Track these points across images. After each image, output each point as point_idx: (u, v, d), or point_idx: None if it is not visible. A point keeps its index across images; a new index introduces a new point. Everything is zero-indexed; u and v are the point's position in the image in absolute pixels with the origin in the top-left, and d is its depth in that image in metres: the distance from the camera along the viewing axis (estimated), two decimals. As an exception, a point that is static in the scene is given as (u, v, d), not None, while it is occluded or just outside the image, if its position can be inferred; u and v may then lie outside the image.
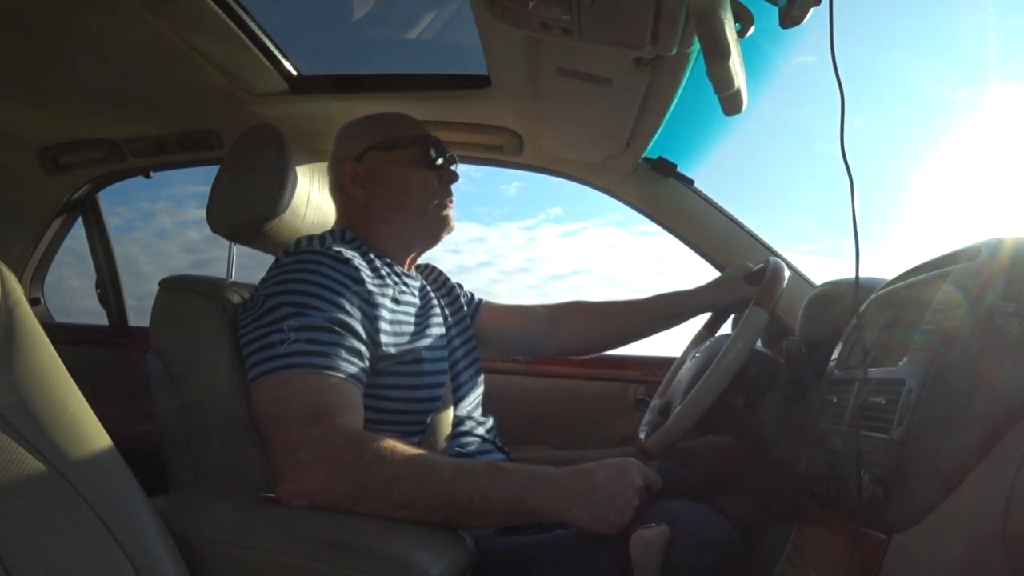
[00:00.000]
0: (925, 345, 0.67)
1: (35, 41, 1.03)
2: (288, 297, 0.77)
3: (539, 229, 6.61)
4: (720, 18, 0.63)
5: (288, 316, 0.75)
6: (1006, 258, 0.67)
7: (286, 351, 0.73)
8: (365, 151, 0.94)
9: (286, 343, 0.73)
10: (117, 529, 0.54)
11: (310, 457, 0.68)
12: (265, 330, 0.75)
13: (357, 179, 0.93)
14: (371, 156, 0.94)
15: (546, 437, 1.48)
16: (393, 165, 0.94)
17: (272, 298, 0.77)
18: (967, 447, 0.60)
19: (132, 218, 2.69)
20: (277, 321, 0.75)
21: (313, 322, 0.75)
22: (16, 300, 0.56)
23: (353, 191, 0.93)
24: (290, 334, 0.74)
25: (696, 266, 1.38)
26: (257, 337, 0.76)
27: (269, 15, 1.03)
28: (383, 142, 0.94)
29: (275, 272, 0.81)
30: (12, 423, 0.52)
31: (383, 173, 0.93)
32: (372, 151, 0.94)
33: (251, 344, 0.77)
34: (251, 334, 0.77)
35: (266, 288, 0.79)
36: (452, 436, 0.88)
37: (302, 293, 0.77)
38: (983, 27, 1.27)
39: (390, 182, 0.94)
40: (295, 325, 0.74)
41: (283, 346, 0.73)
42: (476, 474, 0.69)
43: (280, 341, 0.74)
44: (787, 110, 1.75)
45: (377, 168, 0.93)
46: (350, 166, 0.93)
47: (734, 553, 0.78)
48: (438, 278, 1.10)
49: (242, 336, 0.79)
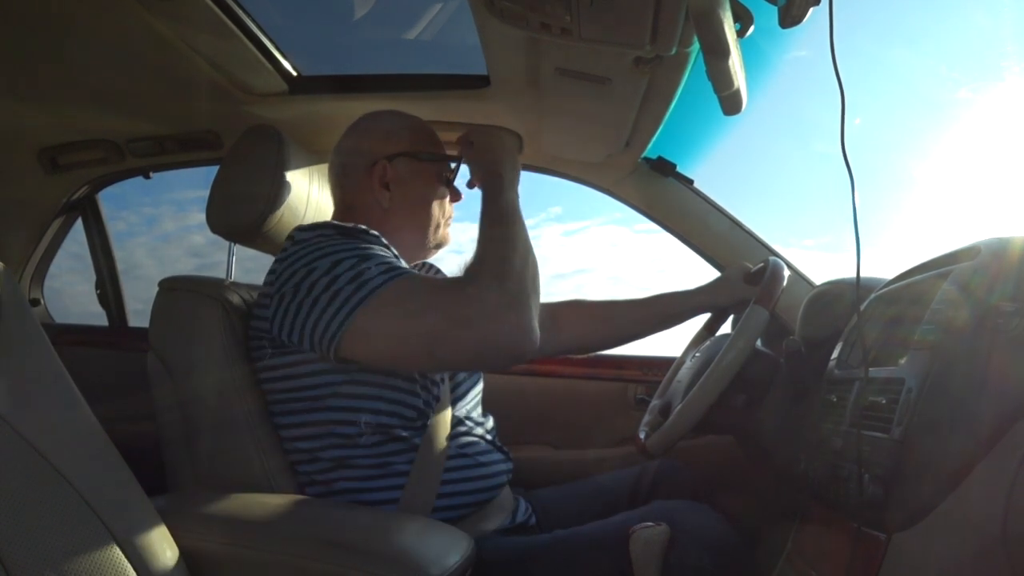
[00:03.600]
0: (925, 344, 0.67)
1: (35, 41, 1.03)
2: (340, 254, 0.78)
3: (540, 228, 6.61)
4: (719, 18, 0.63)
5: (349, 258, 0.77)
6: (1006, 258, 0.67)
7: (373, 273, 0.75)
8: (400, 154, 0.94)
9: (368, 268, 0.75)
10: (117, 529, 0.54)
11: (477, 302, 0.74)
12: (328, 280, 0.76)
13: (384, 179, 0.93)
14: (404, 161, 0.94)
15: (546, 437, 1.48)
16: (422, 176, 0.95)
17: (321, 260, 0.77)
18: (967, 447, 0.60)
19: (136, 223, 2.69)
20: (339, 269, 0.76)
21: (381, 258, 0.78)
22: (16, 300, 0.56)
23: (378, 191, 0.93)
24: (365, 264, 0.76)
25: (699, 264, 1.38)
26: (325, 288, 0.76)
27: (268, 15, 1.02)
28: (420, 151, 0.95)
29: (305, 241, 0.81)
30: (12, 423, 0.52)
31: (411, 181, 0.94)
32: (406, 156, 0.94)
33: (319, 300, 0.76)
34: (308, 296, 0.77)
35: (302, 256, 0.79)
36: (451, 436, 0.88)
37: (351, 250, 0.78)
38: (983, 27, 1.27)
39: (415, 191, 0.94)
40: (364, 261, 0.76)
41: (369, 271, 0.75)
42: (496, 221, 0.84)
43: (359, 271, 0.75)
44: (787, 109, 1.75)
45: (406, 174, 0.94)
46: (382, 166, 0.93)
47: (734, 553, 0.79)
48: (436, 276, 1.10)
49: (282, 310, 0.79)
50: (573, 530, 0.85)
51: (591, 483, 1.09)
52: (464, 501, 0.86)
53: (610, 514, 0.87)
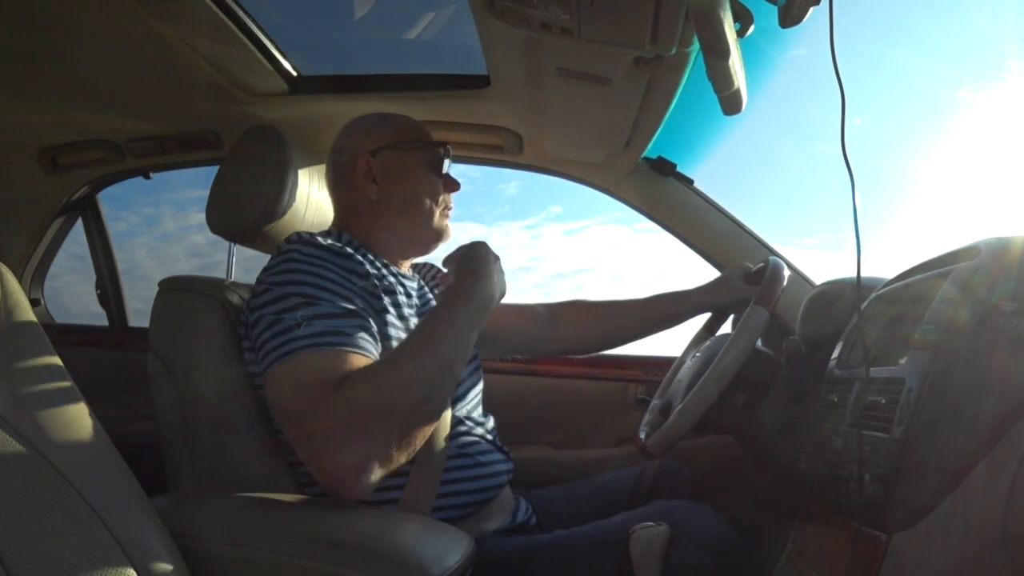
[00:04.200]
0: (926, 344, 0.67)
1: (35, 41, 1.03)
2: (296, 288, 0.76)
3: (541, 228, 6.62)
4: (720, 18, 0.63)
5: (299, 305, 0.75)
6: (1006, 257, 0.67)
7: (304, 333, 0.72)
8: (381, 147, 0.93)
9: (302, 326, 0.73)
10: (117, 529, 0.54)
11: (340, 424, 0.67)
12: (276, 317, 0.75)
13: (370, 174, 0.93)
14: (387, 153, 0.93)
15: (546, 437, 1.48)
16: (408, 166, 0.94)
17: (279, 287, 0.77)
18: (967, 446, 0.60)
19: (136, 223, 2.70)
20: (288, 310, 0.75)
21: (324, 309, 0.75)
22: (16, 301, 0.56)
23: (365, 186, 0.93)
24: (302, 321, 0.73)
25: (699, 263, 1.38)
26: (268, 324, 0.75)
27: (268, 15, 1.02)
28: (401, 141, 0.94)
29: (279, 260, 0.80)
30: (12, 423, 0.52)
31: (397, 172, 0.93)
32: (388, 149, 0.93)
33: (264, 332, 0.75)
34: (261, 322, 0.76)
35: (272, 276, 0.79)
36: (451, 436, 0.88)
37: (309, 284, 0.77)
38: (983, 27, 1.27)
39: (403, 182, 0.93)
40: (308, 315, 0.74)
41: (300, 328, 0.73)
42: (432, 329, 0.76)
43: (296, 324, 0.73)
44: (787, 109, 1.75)
45: (391, 166, 0.93)
46: (365, 160, 0.93)
47: (734, 553, 0.79)
48: (436, 275, 1.10)
49: (251, 324, 0.79)
50: (573, 530, 0.85)
51: (591, 483, 1.09)
52: (464, 501, 0.86)
53: (610, 514, 0.87)
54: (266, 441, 0.83)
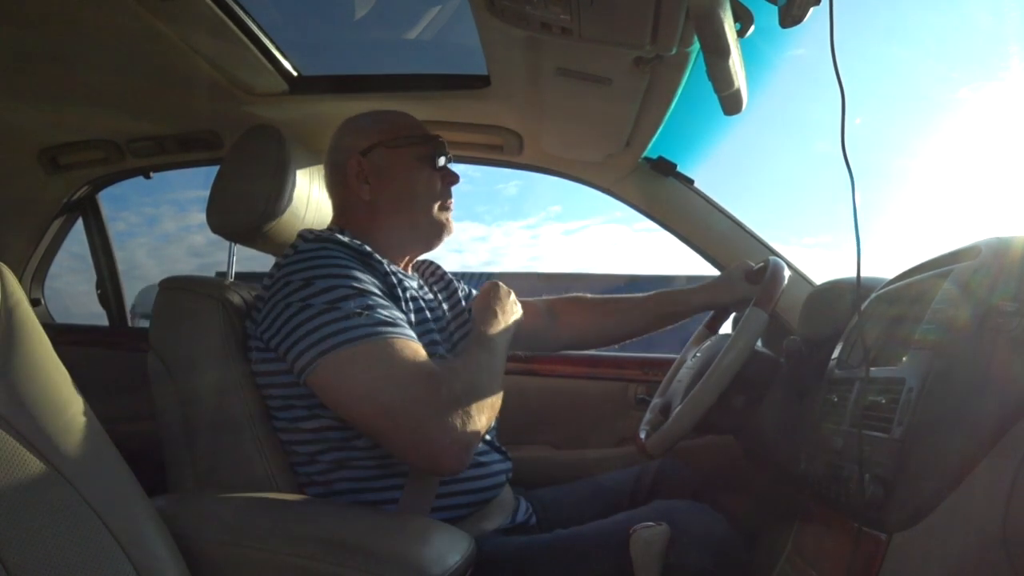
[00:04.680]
0: (926, 344, 0.67)
1: (35, 41, 1.03)
2: (340, 280, 0.77)
3: (540, 228, 6.62)
4: (720, 18, 0.64)
5: (351, 296, 0.76)
6: (1007, 257, 0.66)
7: (365, 322, 0.75)
8: (372, 146, 0.93)
9: (363, 314, 0.75)
10: (117, 529, 0.54)
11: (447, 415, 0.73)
12: (327, 305, 0.75)
13: (362, 174, 0.92)
14: (378, 152, 0.93)
15: (546, 437, 1.48)
16: (400, 163, 0.94)
17: (323, 280, 0.77)
18: (968, 446, 0.60)
19: (136, 223, 2.70)
20: (342, 299, 0.76)
21: (376, 301, 0.78)
22: (16, 300, 0.56)
23: (358, 186, 0.93)
24: (355, 308, 0.76)
25: (699, 263, 1.38)
26: (319, 312, 0.75)
27: (269, 15, 1.02)
28: (391, 139, 0.94)
29: (311, 253, 0.81)
30: (12, 423, 0.52)
31: (389, 170, 0.93)
32: (379, 147, 0.93)
33: (311, 321, 0.75)
34: (303, 312, 0.76)
35: (305, 270, 0.79)
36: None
37: (352, 278, 0.79)
38: (983, 27, 1.27)
39: (396, 179, 0.93)
40: (361, 304, 0.76)
41: (362, 317, 0.75)
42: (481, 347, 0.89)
43: (357, 313, 0.75)
44: (788, 109, 1.75)
45: (383, 164, 0.93)
46: (356, 160, 0.92)
47: (734, 553, 0.79)
48: (435, 272, 1.10)
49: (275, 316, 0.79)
50: (573, 530, 0.85)
51: (591, 483, 1.09)
52: (464, 501, 0.86)
53: (610, 514, 0.87)
54: (266, 441, 0.83)
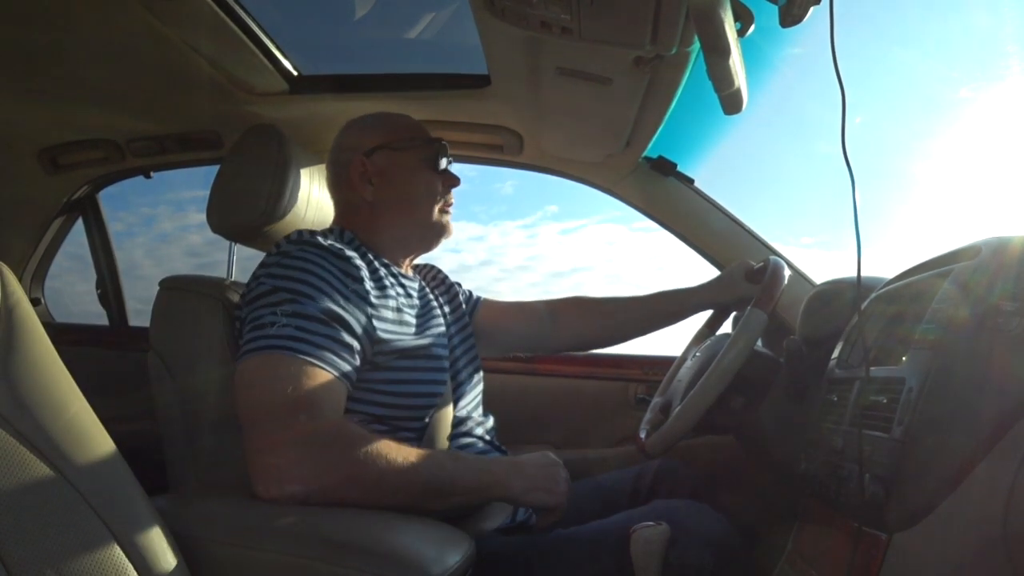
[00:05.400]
0: (926, 344, 0.67)
1: (35, 41, 1.03)
2: (285, 283, 0.77)
3: (538, 227, 6.62)
4: (720, 17, 0.63)
5: (283, 301, 0.75)
6: (1006, 257, 0.66)
7: (276, 333, 0.73)
8: (376, 148, 0.93)
9: (276, 325, 0.73)
10: (117, 529, 0.54)
11: (295, 447, 0.68)
12: (259, 312, 0.75)
13: (365, 175, 0.93)
14: (381, 154, 0.93)
15: (546, 437, 1.48)
16: (403, 164, 0.94)
17: (270, 280, 0.78)
18: (968, 446, 0.60)
19: (135, 223, 2.69)
20: (272, 304, 0.75)
21: (306, 310, 0.74)
22: (16, 300, 0.56)
23: (361, 187, 0.93)
24: (282, 318, 0.74)
25: (698, 262, 1.38)
26: (251, 319, 0.76)
27: (269, 15, 1.02)
28: (395, 141, 0.94)
29: (276, 257, 0.81)
30: (12, 423, 0.52)
31: (392, 171, 0.93)
32: (383, 149, 0.93)
33: (245, 324, 0.77)
34: (246, 315, 0.77)
35: (265, 271, 0.80)
36: (452, 436, 0.88)
37: (300, 281, 0.77)
38: (983, 27, 1.27)
39: (398, 181, 0.93)
40: (288, 311, 0.74)
41: (273, 327, 0.73)
42: (443, 461, 0.76)
43: (271, 323, 0.73)
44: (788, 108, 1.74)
45: (386, 166, 0.93)
46: (359, 161, 0.93)
47: (734, 552, 0.78)
48: (436, 276, 1.10)
49: (244, 320, 0.79)
50: (573, 529, 0.85)
51: (591, 483, 1.09)
52: (464, 501, 0.86)
53: (610, 513, 0.87)
54: (266, 440, 0.83)
